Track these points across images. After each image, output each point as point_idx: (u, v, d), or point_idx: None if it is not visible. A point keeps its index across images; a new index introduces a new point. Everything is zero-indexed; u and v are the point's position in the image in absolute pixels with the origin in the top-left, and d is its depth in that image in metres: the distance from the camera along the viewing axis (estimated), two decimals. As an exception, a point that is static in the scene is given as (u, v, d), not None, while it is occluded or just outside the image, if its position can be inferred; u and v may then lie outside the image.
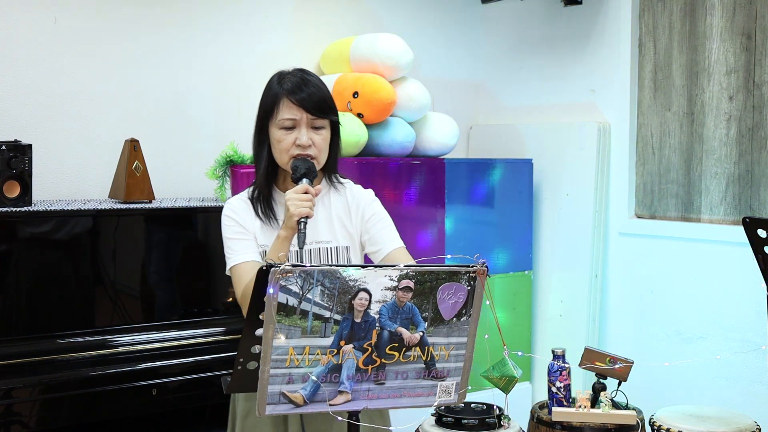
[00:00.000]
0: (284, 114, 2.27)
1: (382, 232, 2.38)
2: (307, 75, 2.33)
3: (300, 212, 2.15)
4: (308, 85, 2.29)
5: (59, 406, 2.76)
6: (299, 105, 2.26)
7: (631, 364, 2.72)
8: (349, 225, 2.38)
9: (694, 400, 3.56)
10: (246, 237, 2.33)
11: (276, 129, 2.29)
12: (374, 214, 2.40)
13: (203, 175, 3.57)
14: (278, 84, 2.30)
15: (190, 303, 3.28)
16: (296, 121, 2.27)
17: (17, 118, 3.31)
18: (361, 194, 2.44)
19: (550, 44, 4.31)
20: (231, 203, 2.39)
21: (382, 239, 2.37)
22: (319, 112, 2.28)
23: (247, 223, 2.34)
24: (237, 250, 2.31)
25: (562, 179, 4.17)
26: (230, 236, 2.33)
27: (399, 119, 3.79)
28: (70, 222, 3.02)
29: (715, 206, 3.69)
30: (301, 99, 2.26)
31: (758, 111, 3.53)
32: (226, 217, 2.36)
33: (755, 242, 2.40)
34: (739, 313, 3.53)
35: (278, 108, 2.28)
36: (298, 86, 2.28)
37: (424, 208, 3.77)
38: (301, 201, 2.17)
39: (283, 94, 2.27)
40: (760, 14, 3.51)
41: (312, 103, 2.27)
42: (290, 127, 2.27)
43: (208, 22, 3.76)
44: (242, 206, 2.36)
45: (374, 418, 2.32)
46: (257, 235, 2.34)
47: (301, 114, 2.26)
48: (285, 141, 2.27)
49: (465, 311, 1.88)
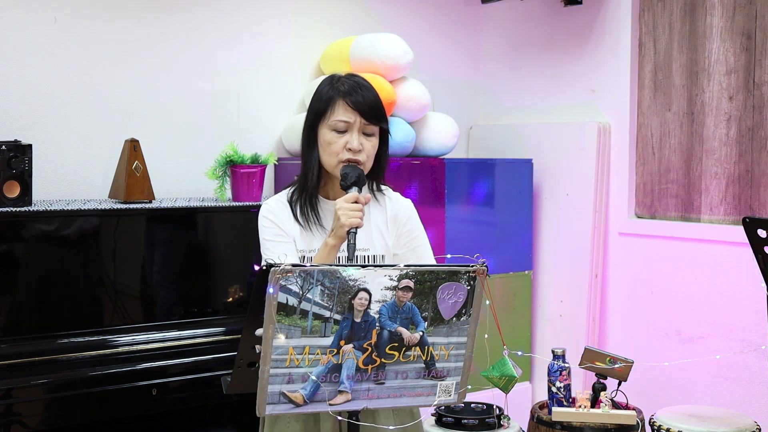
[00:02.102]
0: (338, 116, 2.25)
1: (415, 251, 2.36)
2: (361, 80, 2.31)
3: (351, 222, 2.12)
4: (363, 88, 2.27)
5: (59, 406, 2.75)
6: (354, 107, 2.24)
7: (631, 364, 2.72)
8: (387, 236, 2.36)
9: (694, 400, 3.56)
10: (285, 240, 2.29)
11: (328, 131, 2.26)
12: (411, 231, 2.37)
13: (203, 175, 3.57)
14: (333, 86, 2.28)
15: (190, 303, 3.28)
16: (349, 125, 2.25)
17: (17, 118, 3.31)
18: (402, 206, 2.40)
19: (550, 44, 4.31)
20: (269, 204, 2.35)
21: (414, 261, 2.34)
22: (373, 117, 2.26)
23: (286, 225, 2.30)
24: (276, 252, 2.27)
25: (562, 179, 4.17)
26: (269, 238, 2.30)
27: (399, 119, 3.79)
28: (69, 222, 3.02)
29: (715, 206, 3.69)
30: (357, 101, 2.24)
31: (758, 111, 3.53)
32: (264, 218, 2.32)
33: (755, 242, 2.40)
34: (739, 313, 3.53)
35: (332, 109, 2.26)
36: (354, 89, 2.26)
37: (424, 208, 3.77)
38: (352, 211, 2.14)
39: (339, 96, 2.25)
40: (760, 14, 3.51)
41: (367, 106, 2.25)
42: (343, 130, 2.25)
43: (209, 22, 3.76)
44: (281, 208, 2.33)
45: (405, 418, 2.30)
46: (296, 239, 2.30)
47: (355, 117, 2.24)
48: (336, 144, 2.25)
49: (465, 311, 1.88)
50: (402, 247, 2.36)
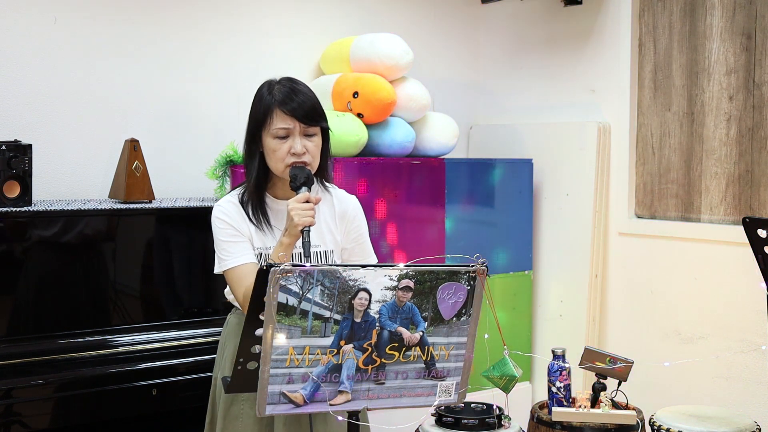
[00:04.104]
0: (277, 124, 2.32)
1: (360, 248, 2.49)
2: (296, 84, 2.38)
3: (304, 222, 2.20)
4: (298, 94, 2.34)
5: (59, 406, 2.76)
6: (291, 115, 2.31)
7: (631, 364, 2.72)
8: (336, 231, 2.45)
9: (694, 400, 3.56)
10: (241, 239, 2.35)
11: (270, 138, 2.33)
12: (359, 233, 2.49)
13: (203, 175, 3.57)
14: (269, 94, 2.35)
15: (190, 303, 3.28)
16: (289, 130, 2.32)
17: (17, 118, 3.31)
18: (348, 203, 2.50)
19: (550, 44, 4.31)
20: (221, 205, 2.41)
21: (356, 257, 2.47)
22: (311, 120, 2.33)
23: (241, 226, 2.37)
24: (233, 252, 2.33)
25: (562, 179, 4.17)
26: (225, 239, 2.36)
27: (399, 119, 3.79)
28: (69, 222, 3.02)
29: (715, 206, 3.69)
30: (293, 109, 2.31)
31: (758, 111, 3.53)
32: (218, 219, 2.38)
33: (755, 242, 2.40)
34: (739, 313, 3.53)
35: (271, 118, 2.32)
36: (289, 96, 2.32)
37: (424, 208, 3.77)
38: (304, 210, 2.21)
39: (275, 105, 2.32)
40: (760, 14, 3.51)
41: (303, 112, 2.32)
42: (284, 136, 2.32)
43: (208, 22, 3.76)
44: (233, 209, 2.39)
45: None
46: (252, 238, 2.37)
47: (293, 123, 2.31)
48: (280, 150, 2.32)
49: (465, 311, 1.88)
50: (350, 242, 2.47)
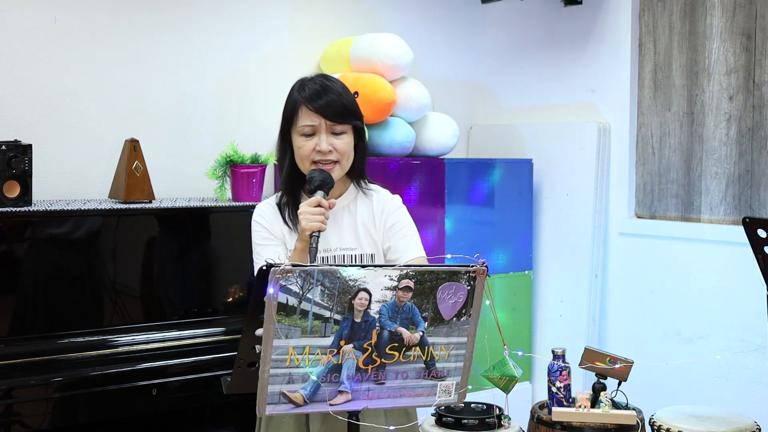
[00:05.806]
0: (303, 121, 2.28)
1: (401, 241, 2.35)
2: (328, 81, 2.32)
3: (311, 227, 2.14)
4: (327, 92, 2.29)
5: (59, 406, 2.75)
6: (316, 111, 2.26)
7: (631, 364, 2.72)
8: (374, 232, 2.36)
9: (694, 400, 3.56)
10: (273, 242, 2.33)
11: (297, 136, 2.30)
12: (396, 222, 2.36)
13: (203, 175, 3.57)
14: (298, 91, 2.31)
15: (190, 303, 3.28)
16: (315, 128, 2.27)
17: (17, 118, 3.31)
18: (388, 201, 2.40)
19: (550, 44, 4.31)
20: (260, 208, 2.39)
21: (402, 248, 2.34)
22: (339, 118, 2.28)
23: (275, 228, 2.34)
24: (264, 255, 2.29)
25: (562, 179, 4.17)
26: (259, 242, 2.34)
27: (399, 119, 3.79)
28: (69, 222, 3.02)
29: (715, 206, 3.69)
30: (319, 106, 2.26)
31: (758, 111, 3.53)
32: (255, 222, 2.37)
33: (755, 242, 2.40)
34: (739, 313, 3.53)
35: (297, 115, 2.29)
36: (317, 93, 2.28)
37: (424, 208, 3.77)
38: (313, 215, 2.16)
39: (302, 102, 2.28)
40: (760, 14, 3.51)
41: (330, 109, 2.27)
42: (310, 133, 2.28)
43: (208, 22, 3.76)
44: (270, 211, 2.37)
45: (399, 418, 2.30)
46: (286, 240, 2.33)
47: (319, 120, 2.27)
48: (305, 147, 2.28)
49: (465, 311, 1.88)
50: (393, 235, 2.35)
